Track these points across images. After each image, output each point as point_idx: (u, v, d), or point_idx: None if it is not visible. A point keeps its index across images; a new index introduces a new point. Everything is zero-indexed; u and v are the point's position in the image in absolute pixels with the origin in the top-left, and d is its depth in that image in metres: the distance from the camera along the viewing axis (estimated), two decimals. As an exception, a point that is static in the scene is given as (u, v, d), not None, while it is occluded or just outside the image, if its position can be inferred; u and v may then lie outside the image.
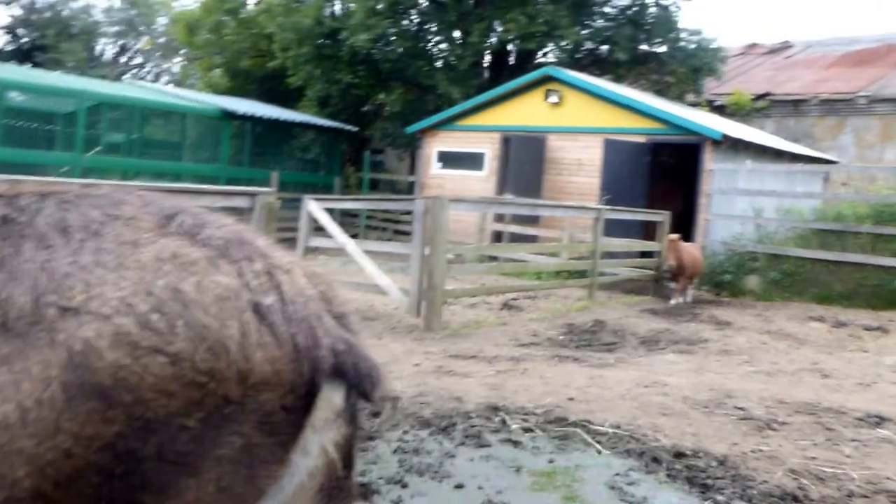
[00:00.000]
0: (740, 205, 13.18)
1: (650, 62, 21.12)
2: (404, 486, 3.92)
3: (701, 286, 12.71)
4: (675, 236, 10.96)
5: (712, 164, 13.21)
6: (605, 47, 20.47)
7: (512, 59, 21.23)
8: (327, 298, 1.19)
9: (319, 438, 1.09)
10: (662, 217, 12.24)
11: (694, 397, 5.83)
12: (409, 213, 15.63)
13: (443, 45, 21.58)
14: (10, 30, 39.14)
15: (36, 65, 33.88)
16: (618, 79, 20.23)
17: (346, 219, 17.98)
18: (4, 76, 15.15)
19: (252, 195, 5.87)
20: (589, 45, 20.85)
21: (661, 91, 20.89)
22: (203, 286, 1.03)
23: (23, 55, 37.13)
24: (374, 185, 20.99)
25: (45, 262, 1.02)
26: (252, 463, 1.02)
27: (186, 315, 1.00)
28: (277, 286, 1.10)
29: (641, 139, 14.20)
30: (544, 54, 21.54)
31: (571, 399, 5.66)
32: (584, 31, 19.72)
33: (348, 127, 20.46)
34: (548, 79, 15.58)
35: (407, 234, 16.50)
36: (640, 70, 21.53)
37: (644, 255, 12.61)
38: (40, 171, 14.24)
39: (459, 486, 3.96)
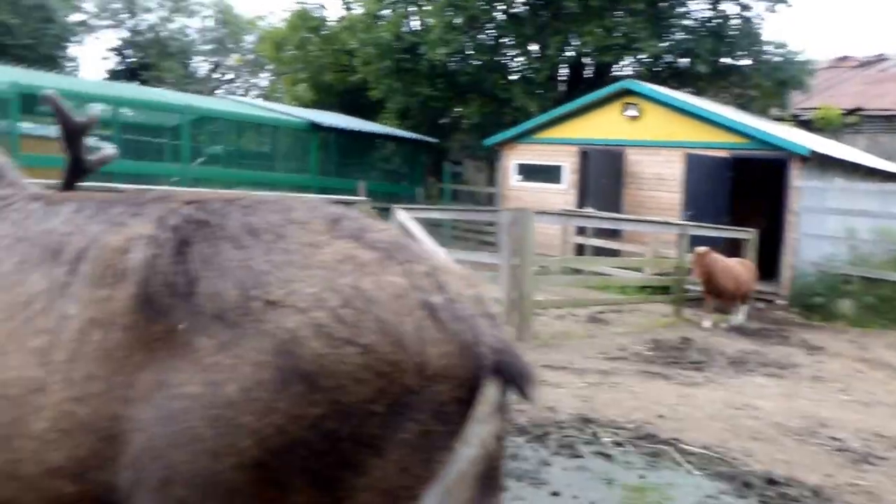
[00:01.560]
0: (831, 224, 12.58)
1: (732, 75, 20.66)
2: (504, 489, 4.03)
3: (791, 308, 12.30)
4: (702, 249, 9.77)
5: (800, 182, 12.79)
6: (684, 60, 20.12)
7: (589, 73, 21.14)
8: (480, 300, 1.26)
9: (480, 430, 1.18)
10: (749, 234, 11.99)
11: (786, 423, 5.73)
12: (492, 223, 15.80)
13: (520, 59, 21.65)
14: (118, 51, 41.52)
15: (141, 82, 35.75)
16: (698, 92, 19.88)
17: (430, 228, 18.19)
18: (119, 94, 16.24)
19: (350, 204, 6.11)
20: (668, 57, 20.53)
21: (743, 105, 20.42)
22: (380, 284, 1.13)
23: (129, 74, 39.40)
24: (455, 196, 21.20)
25: (244, 260, 1.14)
26: (428, 448, 1.13)
27: (371, 310, 1.10)
28: (442, 287, 1.18)
29: (724, 154, 13.92)
30: (622, 67, 21.36)
31: (661, 416, 5.66)
32: (662, 44, 19.43)
33: (428, 139, 20.74)
34: (626, 92, 15.45)
35: (490, 244, 16.61)
36: (722, 83, 21.09)
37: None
38: (154, 180, 15.30)
39: (555, 494, 4.06)
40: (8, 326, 1.26)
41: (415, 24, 21.89)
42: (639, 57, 20.06)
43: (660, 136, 14.87)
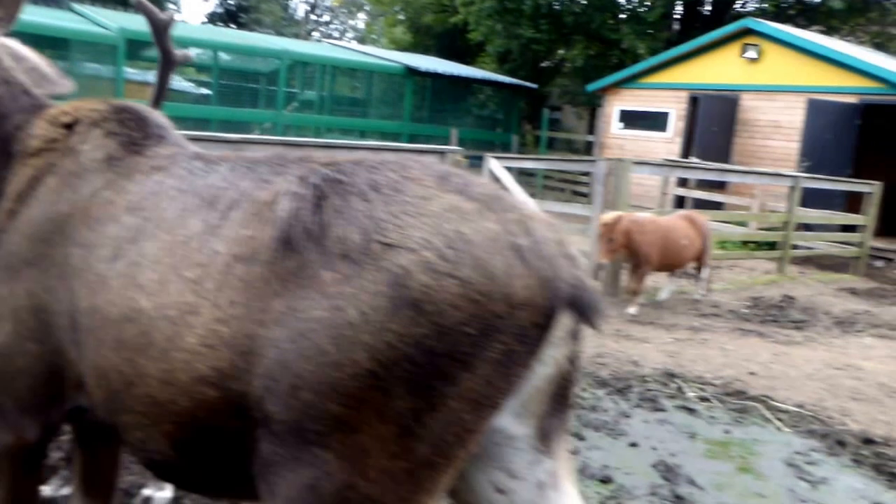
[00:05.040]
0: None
1: (871, 10, 19.48)
2: (582, 438, 4.31)
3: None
4: (611, 216, 7.34)
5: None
6: (816, -6, 19.13)
7: (707, 10, 20.41)
8: (561, 242, 1.56)
9: (555, 352, 1.51)
10: (871, 188, 11.52)
11: (891, 385, 5.70)
12: (587, 174, 15.70)
13: (632, -4, 21.16)
14: (219, -7, 42.87)
15: (240, 26, 36.80)
16: (830, 31, 18.91)
17: (522, 178, 18.21)
18: (218, 38, 16.89)
19: (442, 153, 6.43)
20: (797, -9, 19.59)
21: (882, 45, 19.30)
22: (477, 230, 1.43)
23: (229, 16, 40.61)
24: (551, 144, 21.11)
25: (368, 211, 1.47)
26: (509, 365, 1.42)
27: (469, 250, 1.40)
28: (529, 231, 1.48)
29: (852, 100, 13.37)
30: (743, 4, 20.50)
31: (752, 373, 5.73)
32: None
33: (528, 84, 20.62)
34: (746, 32, 14.93)
35: (584, 195, 16.54)
36: (858, 21, 19.95)
37: (847, 229, 11.95)
38: (248, 128, 16.02)
39: (634, 445, 4.27)
40: (170, 260, 1.63)
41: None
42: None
43: (780, 80, 14.39)
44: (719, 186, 14.08)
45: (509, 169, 10.01)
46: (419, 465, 1.42)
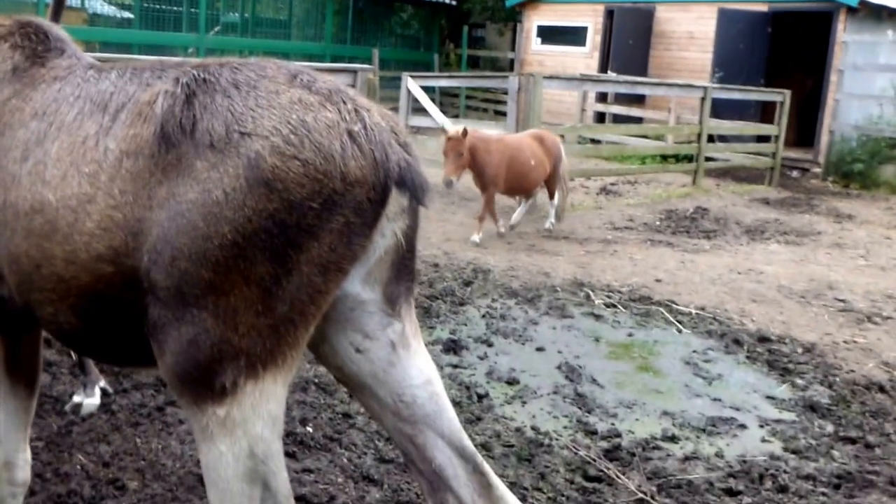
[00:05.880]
0: (880, 83, 12.31)
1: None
2: (490, 345, 4.56)
3: (826, 176, 12.31)
4: (455, 131, 6.82)
5: (846, 36, 12.46)
6: None
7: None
8: (396, 131, 1.83)
9: (391, 225, 1.81)
10: (781, 96, 11.86)
11: (790, 286, 6.09)
12: (507, 92, 15.69)
13: None
14: None
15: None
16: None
17: (445, 98, 18.16)
18: None
19: (354, 72, 6.74)
20: None
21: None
22: (318, 118, 1.70)
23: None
24: (474, 63, 20.94)
25: (229, 105, 1.72)
26: (350, 235, 1.71)
27: (310, 136, 1.67)
28: (362, 119, 1.75)
29: (762, 8, 13.61)
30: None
31: (658, 280, 6.03)
32: None
33: (447, 0, 20.31)
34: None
35: (506, 114, 16.55)
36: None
37: (761, 139, 12.25)
38: (170, 52, 15.68)
39: (540, 349, 4.55)
40: (70, 158, 1.89)
41: None
42: None
43: (693, -9, 14.54)
44: (638, 101, 14.31)
45: (430, 88, 9.96)
46: (280, 322, 1.71)
